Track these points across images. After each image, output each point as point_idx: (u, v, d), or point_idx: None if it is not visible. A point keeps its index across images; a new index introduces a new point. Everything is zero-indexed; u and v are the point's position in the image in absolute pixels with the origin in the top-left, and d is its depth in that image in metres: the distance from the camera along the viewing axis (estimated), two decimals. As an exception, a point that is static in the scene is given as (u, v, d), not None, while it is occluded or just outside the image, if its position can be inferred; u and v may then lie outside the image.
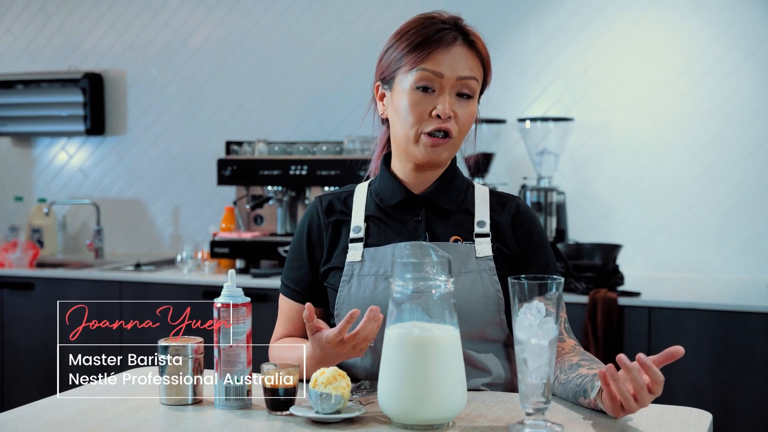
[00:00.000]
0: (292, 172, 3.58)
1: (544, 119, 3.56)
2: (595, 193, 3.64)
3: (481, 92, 1.65)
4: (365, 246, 1.64)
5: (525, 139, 3.61)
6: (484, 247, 1.62)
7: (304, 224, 1.72)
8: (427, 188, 1.66)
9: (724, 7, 3.47)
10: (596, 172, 3.64)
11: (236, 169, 3.64)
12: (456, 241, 1.63)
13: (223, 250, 3.60)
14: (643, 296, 3.00)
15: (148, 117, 4.30)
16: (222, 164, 3.67)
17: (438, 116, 1.56)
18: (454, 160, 1.70)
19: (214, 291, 3.42)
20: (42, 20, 4.44)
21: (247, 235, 3.63)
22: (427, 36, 1.57)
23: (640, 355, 1.28)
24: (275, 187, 3.69)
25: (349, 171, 3.47)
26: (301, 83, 4.05)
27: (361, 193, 1.71)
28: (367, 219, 1.67)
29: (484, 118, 3.66)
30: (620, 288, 3.09)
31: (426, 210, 1.66)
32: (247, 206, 3.79)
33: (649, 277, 3.45)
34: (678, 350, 1.29)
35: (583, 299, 3.01)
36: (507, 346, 1.66)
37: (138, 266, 3.82)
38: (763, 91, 3.44)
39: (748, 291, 3.14)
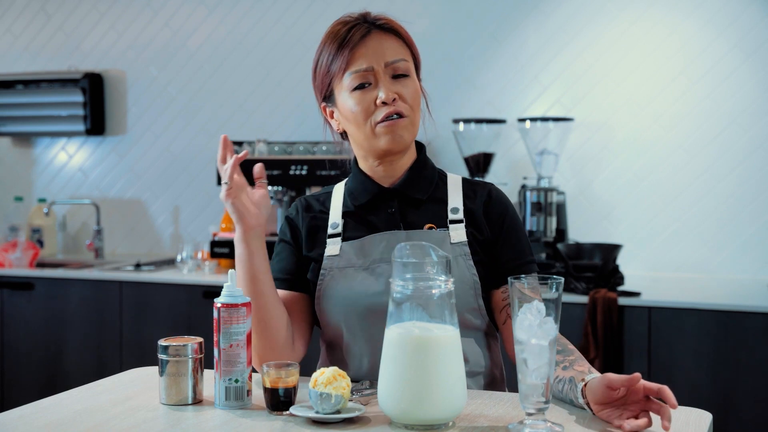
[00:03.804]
0: (292, 172, 3.58)
1: (544, 119, 3.56)
2: (595, 193, 3.64)
3: (418, 69, 1.69)
4: (343, 240, 1.67)
5: (525, 139, 3.61)
6: (458, 233, 1.64)
7: (285, 221, 1.78)
8: (396, 180, 1.69)
9: (724, 7, 3.47)
10: (596, 172, 3.64)
11: (236, 169, 3.63)
12: (430, 228, 1.65)
13: (223, 250, 3.60)
14: (643, 296, 3.00)
15: (148, 117, 4.30)
16: (222, 164, 3.66)
17: (384, 103, 1.60)
18: (423, 152, 1.73)
19: (214, 291, 3.43)
20: (42, 20, 4.44)
21: (247, 235, 3.63)
22: (342, 40, 1.62)
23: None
24: (275, 187, 3.69)
25: (349, 171, 3.46)
26: (301, 83, 4.04)
27: (338, 192, 1.77)
28: (344, 215, 1.71)
29: (484, 118, 3.67)
30: (620, 288, 3.09)
31: (398, 201, 1.69)
32: (247, 206, 3.78)
33: (649, 277, 3.45)
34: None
35: (583, 299, 3.01)
36: (488, 335, 1.68)
37: (138, 266, 3.82)
38: (762, 91, 3.44)
39: (748, 291, 3.14)
